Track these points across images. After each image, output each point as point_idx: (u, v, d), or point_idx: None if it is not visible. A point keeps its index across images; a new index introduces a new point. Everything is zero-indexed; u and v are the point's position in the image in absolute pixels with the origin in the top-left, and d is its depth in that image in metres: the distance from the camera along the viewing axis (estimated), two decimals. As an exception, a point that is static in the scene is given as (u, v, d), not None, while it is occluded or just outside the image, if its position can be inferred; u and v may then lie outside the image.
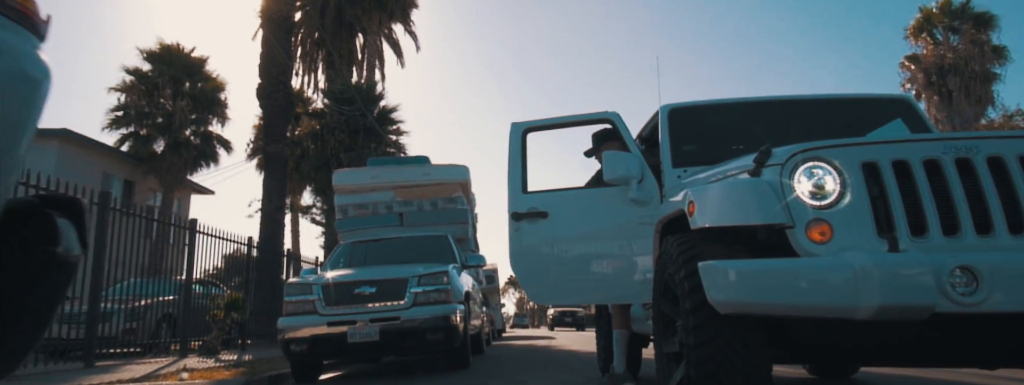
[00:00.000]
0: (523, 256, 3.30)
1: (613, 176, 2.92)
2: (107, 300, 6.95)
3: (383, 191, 8.05)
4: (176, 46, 18.42)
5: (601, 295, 3.37)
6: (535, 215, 3.28)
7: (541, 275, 3.28)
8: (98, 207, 6.55)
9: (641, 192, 2.95)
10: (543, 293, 3.35)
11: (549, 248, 3.27)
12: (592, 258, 3.17)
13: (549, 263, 3.26)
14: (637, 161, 2.96)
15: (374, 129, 17.08)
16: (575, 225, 3.23)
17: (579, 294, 3.36)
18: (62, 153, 15.72)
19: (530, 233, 3.28)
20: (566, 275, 3.22)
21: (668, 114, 3.09)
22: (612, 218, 3.11)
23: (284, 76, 14.99)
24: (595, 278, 3.15)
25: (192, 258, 8.50)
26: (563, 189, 3.38)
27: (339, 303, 5.51)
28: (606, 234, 3.13)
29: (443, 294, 5.58)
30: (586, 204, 3.23)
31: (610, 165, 2.93)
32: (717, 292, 1.81)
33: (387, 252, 6.90)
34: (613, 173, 2.91)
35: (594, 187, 3.43)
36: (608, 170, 2.93)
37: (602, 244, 3.15)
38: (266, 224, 13.91)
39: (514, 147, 3.43)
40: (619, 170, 2.90)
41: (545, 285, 3.29)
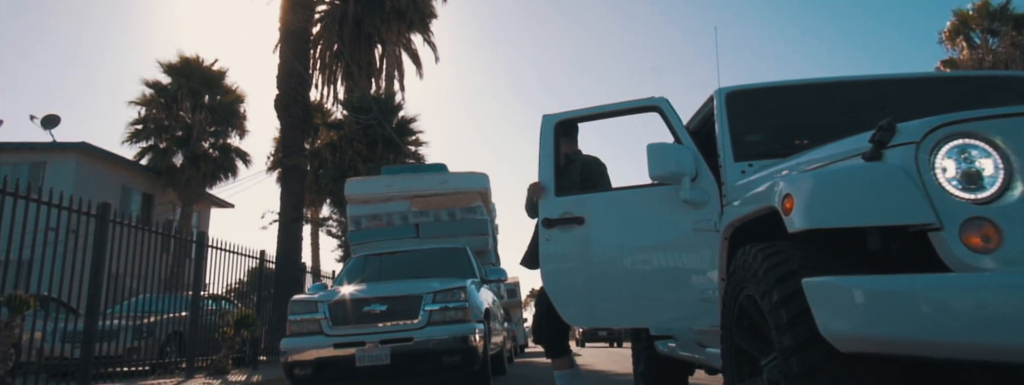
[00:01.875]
0: (555, 270, 2.82)
1: (661, 172, 2.40)
2: (113, 317, 6.60)
3: (398, 201, 7.60)
4: (196, 59, 18.37)
5: (647, 318, 2.83)
6: (569, 221, 2.79)
7: (576, 293, 2.77)
8: (97, 219, 6.18)
9: (696, 191, 2.42)
10: (578, 314, 2.82)
11: (585, 260, 2.76)
12: (635, 272, 2.64)
13: (585, 278, 2.75)
14: (690, 154, 2.43)
15: (393, 140, 16.73)
16: (615, 233, 2.71)
17: (620, 316, 2.82)
18: (81, 167, 15.64)
19: (563, 242, 2.79)
20: (605, 293, 2.70)
21: (726, 99, 2.55)
22: (659, 223, 2.58)
23: (302, 87, 14.78)
24: (639, 297, 2.61)
25: (200, 272, 8.11)
26: (601, 190, 2.87)
27: (347, 322, 5.03)
28: (652, 243, 2.61)
29: (460, 312, 5.06)
30: (628, 207, 2.71)
31: (656, 159, 2.42)
32: (837, 322, 1.28)
33: (402, 266, 6.41)
34: (661, 168, 2.39)
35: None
36: (654, 165, 2.41)
37: (647, 255, 2.62)
38: (283, 237, 13.61)
39: (545, 143, 2.95)
40: (668, 165, 2.38)
41: (581, 305, 2.78)
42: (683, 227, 2.49)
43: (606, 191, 2.85)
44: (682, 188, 2.42)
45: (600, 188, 3.13)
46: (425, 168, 8.74)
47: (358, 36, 20.09)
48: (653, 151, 2.43)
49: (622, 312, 2.73)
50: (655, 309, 2.62)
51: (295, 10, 14.90)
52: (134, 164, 17.40)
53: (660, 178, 2.46)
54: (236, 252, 8.85)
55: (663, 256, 2.58)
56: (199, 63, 18.38)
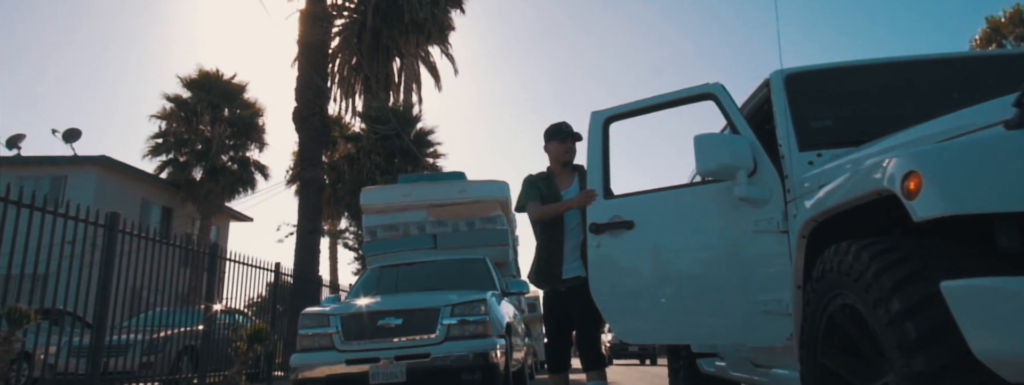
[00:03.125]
0: (604, 280, 2.54)
1: (712, 166, 2.09)
2: (126, 331, 6.42)
3: (415, 210, 7.32)
4: (215, 73, 18.46)
5: (701, 333, 2.50)
6: (618, 226, 2.52)
7: (628, 305, 2.47)
8: (106, 230, 5.99)
9: (755, 187, 2.09)
10: (633, 329, 2.52)
11: (635, 268, 2.49)
12: (687, 281, 2.32)
13: (637, 288, 2.45)
14: (747, 145, 2.11)
15: (411, 151, 16.57)
16: (666, 237, 2.42)
17: (673, 331, 2.48)
18: (101, 180, 15.68)
19: (613, 249, 2.52)
20: (656, 305, 2.38)
21: (785, 82, 2.22)
22: (713, 225, 2.27)
23: (320, 100, 14.71)
24: (692, 310, 2.29)
25: (213, 285, 7.90)
26: (652, 190, 2.57)
27: (360, 337, 4.73)
28: (705, 247, 2.29)
29: (480, 326, 4.74)
30: (680, 208, 2.41)
31: (706, 152, 2.10)
32: (999, 340, 0.94)
33: (419, 277, 6.12)
34: (712, 162, 2.08)
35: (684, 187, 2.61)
36: (704, 158, 2.10)
37: (700, 262, 2.30)
38: (301, 250, 13.43)
39: (594, 142, 2.70)
40: (721, 158, 2.06)
41: (634, 318, 2.48)
42: (740, 228, 2.15)
43: (657, 190, 2.56)
44: (738, 184, 2.09)
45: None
46: (443, 176, 8.47)
47: (376, 49, 20.06)
48: (702, 143, 2.11)
49: (675, 326, 2.40)
50: (710, 323, 2.28)
51: (313, 24, 14.88)
52: (154, 177, 17.44)
53: (711, 173, 2.15)
54: (250, 265, 8.64)
55: (718, 262, 2.25)
56: (219, 77, 18.46)
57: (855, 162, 1.65)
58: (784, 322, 1.98)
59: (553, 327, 3.15)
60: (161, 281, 6.66)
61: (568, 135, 3.18)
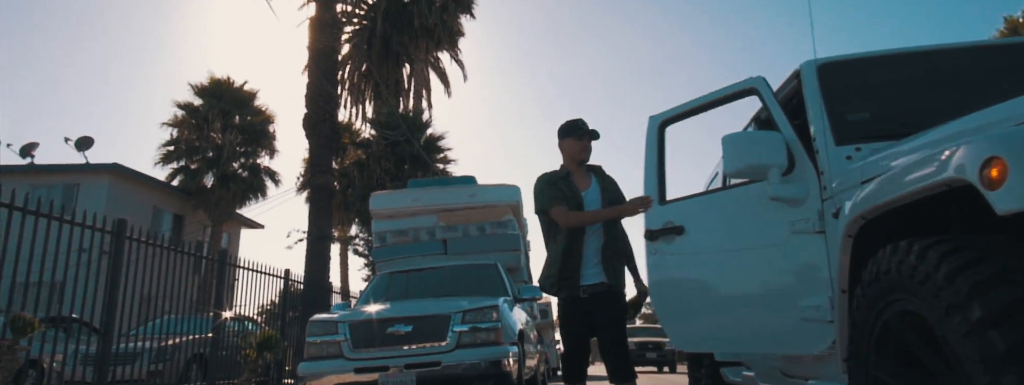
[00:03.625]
0: (660, 287, 2.47)
1: (741, 165, 1.96)
2: (135, 339, 6.36)
3: (425, 215, 7.21)
4: (226, 80, 18.51)
5: (743, 343, 2.35)
6: (670, 232, 2.42)
7: (681, 312, 2.40)
8: (113, 236, 5.92)
9: (790, 186, 1.95)
10: (688, 336, 2.48)
11: (687, 275, 2.39)
12: (729, 288, 2.21)
13: (688, 295, 2.38)
14: (780, 141, 1.96)
15: (420, 157, 16.50)
16: (712, 241, 2.31)
17: (718, 340, 2.38)
18: (113, 188, 15.72)
19: (666, 256, 2.44)
20: (708, 312, 2.29)
21: (818, 72, 2.08)
22: (752, 228, 2.15)
23: (330, 106, 14.68)
24: (733, 317, 2.17)
25: (221, 292, 7.81)
26: (701, 193, 2.46)
27: (370, 345, 4.61)
28: (744, 251, 2.16)
29: (492, 333, 4.60)
30: (723, 211, 2.30)
31: (734, 150, 1.98)
32: None
33: (429, 283, 5.99)
34: (742, 160, 1.95)
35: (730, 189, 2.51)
36: (732, 158, 1.98)
37: (740, 267, 2.17)
38: (311, 256, 13.37)
39: (651, 146, 2.61)
40: (753, 156, 1.92)
41: (688, 326, 2.42)
42: (778, 231, 2.01)
43: (706, 193, 2.42)
44: (770, 183, 1.95)
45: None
46: (453, 181, 8.36)
47: (386, 55, 20.09)
48: (732, 142, 1.98)
49: (722, 335, 2.29)
50: (753, 331, 2.16)
51: (323, 30, 14.88)
52: (165, 185, 17.48)
53: (738, 174, 2.02)
54: (260, 271, 8.55)
55: (758, 267, 2.12)
56: (230, 84, 18.52)
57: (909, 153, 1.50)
58: (825, 330, 1.83)
59: (571, 336, 2.92)
60: (170, 288, 6.60)
61: (585, 132, 2.95)
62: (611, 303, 2.81)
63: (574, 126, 2.96)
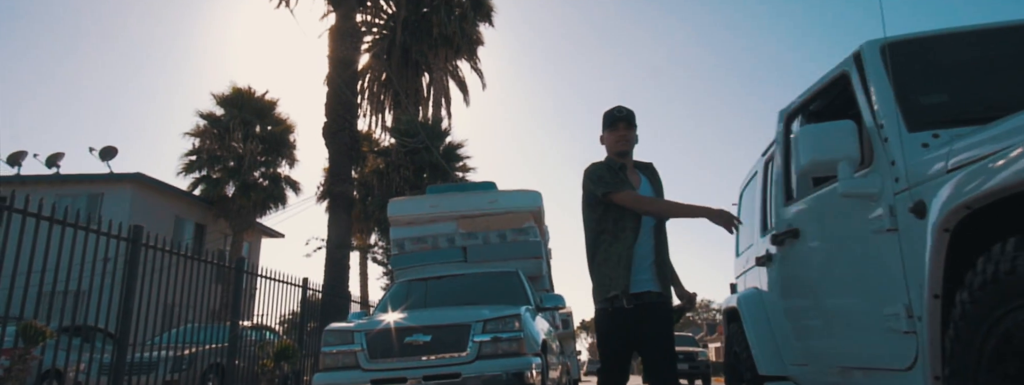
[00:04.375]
0: (779, 298, 2.31)
1: (814, 160, 1.74)
2: (153, 348, 6.29)
3: (444, 222, 7.03)
4: (248, 90, 18.65)
5: (841, 356, 2.05)
6: (789, 236, 2.22)
7: (793, 325, 2.15)
8: (128, 243, 5.84)
9: (867, 180, 1.73)
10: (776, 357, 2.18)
11: (796, 285, 2.17)
12: (827, 297, 2.00)
13: (800, 307, 2.14)
14: (850, 131, 1.73)
15: (439, 165, 16.40)
16: (817, 245, 2.10)
17: (818, 354, 2.12)
18: (136, 197, 15.86)
19: (784, 263, 2.26)
20: (814, 326, 2.07)
21: (882, 53, 1.86)
22: (840, 229, 1.93)
23: (350, 115, 14.67)
24: (832, 329, 1.95)
25: (238, 301, 7.70)
26: (822, 189, 2.09)
27: (387, 355, 4.43)
28: (837, 255, 1.94)
29: (515, 344, 4.39)
30: (821, 212, 2.07)
31: (807, 144, 1.76)
32: None
33: (448, 292, 5.81)
34: (816, 153, 1.72)
35: None
36: (805, 150, 1.76)
37: (831, 274, 1.95)
38: (331, 265, 13.29)
39: (779, 140, 2.41)
40: (828, 150, 1.71)
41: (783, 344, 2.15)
42: (858, 230, 1.80)
43: (825, 188, 2.09)
44: (841, 178, 1.73)
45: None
46: (473, 186, 8.18)
47: (405, 64, 20.11)
48: (807, 136, 1.78)
49: (815, 349, 2.07)
50: (842, 344, 1.93)
51: (343, 39, 14.93)
52: (187, 194, 17.60)
53: (806, 173, 1.81)
54: (278, 280, 8.45)
55: (843, 273, 1.89)
56: (251, 94, 18.65)
57: (1012, 135, 1.27)
58: (905, 342, 1.61)
59: (611, 351, 2.53)
60: (188, 297, 6.51)
61: (617, 120, 2.58)
62: (663, 314, 2.52)
63: (605, 117, 2.64)
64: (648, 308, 2.47)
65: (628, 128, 2.61)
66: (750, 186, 3.44)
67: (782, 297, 2.31)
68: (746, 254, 3.37)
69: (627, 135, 2.61)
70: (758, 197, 3.12)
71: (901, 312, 1.62)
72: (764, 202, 3.02)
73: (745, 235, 3.48)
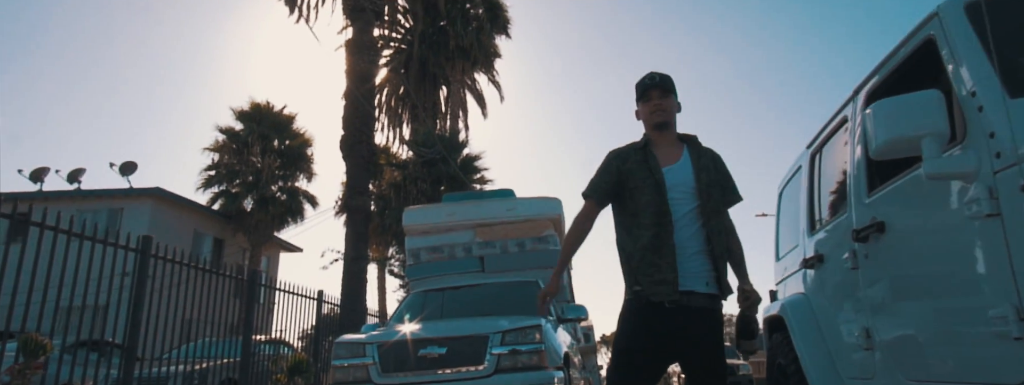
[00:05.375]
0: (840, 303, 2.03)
1: (893, 138, 1.49)
2: (167, 363, 6.15)
3: (461, 231, 6.80)
4: (266, 104, 18.75)
5: (937, 370, 1.72)
6: (873, 230, 1.89)
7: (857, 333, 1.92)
8: (137, 255, 5.69)
9: (954, 158, 1.47)
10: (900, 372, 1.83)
11: (881, 286, 1.84)
12: (925, 300, 1.69)
13: (873, 312, 1.87)
14: (935, 101, 1.47)
15: (457, 177, 16.24)
16: (908, 239, 1.76)
17: (908, 368, 1.79)
18: (155, 212, 15.89)
19: (868, 261, 1.92)
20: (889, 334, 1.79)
21: (967, 12, 1.60)
22: (938, 218, 1.63)
23: (367, 128, 14.62)
24: (928, 340, 1.66)
25: (251, 313, 7.53)
26: (908, 173, 1.78)
27: (400, 369, 4.19)
28: (939, 249, 1.64)
29: (535, 356, 4.12)
30: (915, 197, 1.75)
31: (884, 120, 1.51)
32: None
33: (466, 302, 5.57)
34: (895, 130, 1.48)
35: None
36: (882, 127, 1.51)
37: (936, 271, 1.65)
38: (348, 278, 13.13)
39: (855, 120, 2.14)
40: (909, 125, 1.46)
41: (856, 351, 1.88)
42: (951, 218, 1.53)
43: (911, 175, 1.78)
44: (926, 157, 1.46)
45: None
46: (490, 194, 7.94)
47: (423, 77, 20.12)
48: (882, 112, 1.51)
49: (891, 363, 1.77)
50: (925, 355, 1.64)
51: (360, 52, 14.93)
52: (206, 209, 17.62)
53: (883, 154, 1.54)
54: (292, 292, 8.27)
55: (935, 269, 1.61)
56: (269, 108, 18.74)
57: None
58: (1016, 350, 1.33)
59: (638, 355, 2.06)
60: (204, 311, 6.36)
61: (649, 88, 2.21)
62: (714, 321, 2.08)
63: (637, 87, 2.26)
64: (696, 312, 2.03)
65: (664, 96, 2.21)
66: (792, 183, 3.15)
67: (846, 301, 2.02)
68: (789, 257, 3.07)
69: (663, 104, 2.21)
70: (803, 193, 2.84)
71: (1009, 314, 1.33)
72: (811, 198, 2.73)
73: (787, 237, 3.19)
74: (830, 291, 2.45)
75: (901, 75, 1.96)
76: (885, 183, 1.91)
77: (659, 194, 2.12)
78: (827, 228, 2.47)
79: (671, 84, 2.24)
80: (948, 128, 1.47)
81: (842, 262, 2.23)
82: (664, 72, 2.26)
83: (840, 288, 2.33)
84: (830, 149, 2.59)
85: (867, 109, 1.62)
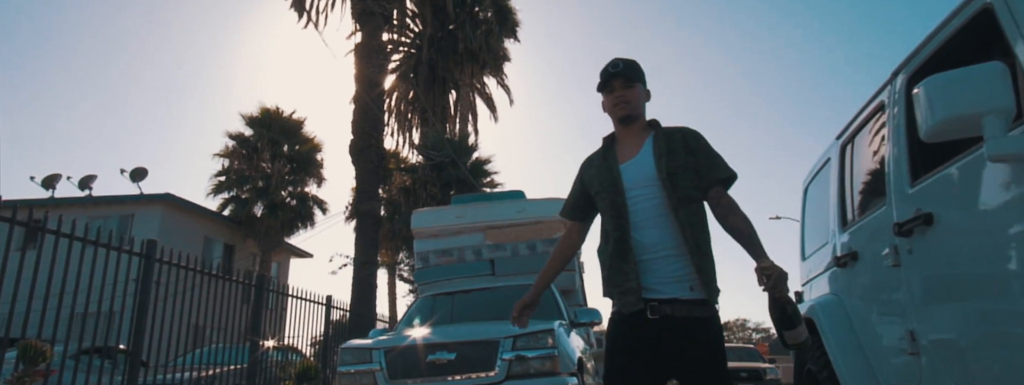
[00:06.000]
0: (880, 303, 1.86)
1: (950, 117, 1.33)
2: (173, 370, 6.08)
3: (470, 233, 6.66)
4: (275, 110, 18.76)
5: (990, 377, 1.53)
6: (919, 223, 1.70)
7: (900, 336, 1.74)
8: (141, 259, 5.60)
9: (1019, 137, 1.31)
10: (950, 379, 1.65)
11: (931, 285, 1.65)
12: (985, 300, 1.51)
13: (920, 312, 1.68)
14: (1001, 76, 1.31)
15: (466, 181, 16.12)
16: (971, 234, 1.58)
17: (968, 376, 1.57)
18: (165, 218, 15.90)
19: (915, 258, 1.71)
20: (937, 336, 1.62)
21: None
22: (1001, 207, 1.45)
23: (376, 132, 14.55)
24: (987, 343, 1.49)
25: (258, 319, 7.41)
26: (962, 158, 1.60)
27: (408, 375, 4.05)
28: (1000, 241, 1.45)
29: (548, 362, 3.96)
30: (980, 184, 1.55)
31: (940, 97, 1.35)
32: None
33: (476, 306, 5.42)
34: (953, 107, 1.32)
35: None
36: (937, 105, 1.35)
37: (997, 266, 1.46)
38: (357, 283, 13.04)
39: (900, 106, 1.93)
40: (969, 102, 1.30)
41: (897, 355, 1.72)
42: (1017, 206, 1.36)
43: (966, 158, 1.59)
44: (987, 136, 1.30)
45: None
46: (500, 196, 7.79)
47: (432, 81, 20.07)
48: (934, 88, 1.35)
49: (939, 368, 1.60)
50: (982, 360, 1.47)
51: (369, 57, 14.89)
52: (216, 215, 17.62)
53: (937, 135, 1.38)
54: (300, 297, 8.16)
55: (1001, 264, 1.44)
56: (279, 114, 18.75)
57: None
58: None
59: (628, 376, 1.83)
60: (212, 317, 6.26)
61: (611, 77, 1.98)
62: (706, 331, 1.81)
63: (600, 75, 2.03)
64: (680, 323, 1.78)
65: (627, 86, 1.97)
66: (819, 177, 2.98)
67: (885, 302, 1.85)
68: (817, 256, 2.90)
69: (627, 95, 1.97)
70: (833, 187, 2.66)
71: None
72: (842, 192, 2.56)
73: (814, 235, 3.01)
74: (866, 291, 2.27)
75: (949, 52, 1.79)
76: (931, 171, 1.74)
77: (617, 193, 1.93)
78: (861, 223, 2.29)
79: (636, 72, 2.02)
80: (1014, 104, 1.31)
81: (881, 259, 2.06)
82: (631, 58, 2.04)
83: (878, 287, 2.15)
84: (863, 139, 2.42)
85: (916, 88, 1.45)
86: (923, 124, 1.41)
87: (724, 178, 1.91)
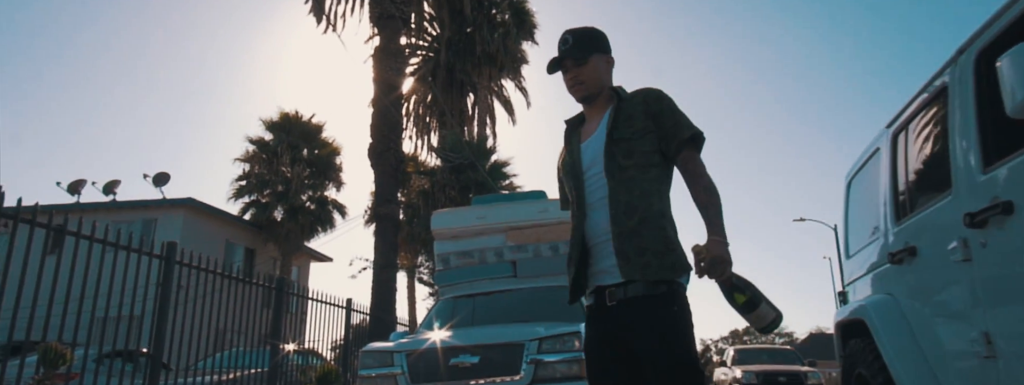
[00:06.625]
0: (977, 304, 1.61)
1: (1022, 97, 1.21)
2: (195, 373, 6.06)
3: (491, 235, 6.54)
4: (295, 114, 18.85)
5: None
6: (997, 212, 1.56)
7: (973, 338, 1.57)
8: (161, 261, 5.56)
9: None
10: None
11: (1018, 284, 1.49)
12: None
13: (1001, 311, 1.53)
14: None
15: (486, 183, 16.03)
16: None
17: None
18: (187, 222, 16.01)
19: (995, 251, 1.56)
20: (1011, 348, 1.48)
21: None
22: None
23: (395, 135, 14.54)
24: None
25: (278, 322, 7.36)
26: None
27: (430, 379, 3.93)
28: None
29: (575, 366, 3.82)
30: None
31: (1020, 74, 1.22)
32: None
33: (498, 308, 5.30)
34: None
35: None
36: (1017, 88, 1.23)
37: None
38: (377, 286, 12.99)
39: (965, 83, 1.78)
40: None
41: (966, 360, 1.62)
42: None
43: None
44: None
45: None
46: (521, 196, 7.66)
47: (450, 84, 20.06)
48: (1017, 61, 1.21)
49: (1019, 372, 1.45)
50: None
51: (387, 60, 14.89)
52: (237, 219, 17.73)
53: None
54: (320, 300, 8.11)
55: None
56: (298, 118, 18.84)
57: None
58: None
59: (607, 371, 1.73)
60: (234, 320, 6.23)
61: (562, 57, 1.82)
62: (656, 311, 1.63)
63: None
64: (628, 308, 1.65)
65: (579, 64, 1.80)
66: (865, 170, 2.81)
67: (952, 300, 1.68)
68: (864, 253, 2.72)
69: (580, 75, 1.81)
70: (884, 179, 2.49)
71: None
72: (895, 183, 2.39)
73: (860, 231, 2.84)
74: (927, 289, 2.10)
75: (1020, 30, 1.63)
76: (1008, 155, 1.58)
77: (576, 177, 1.83)
78: (920, 215, 2.12)
79: (588, 43, 1.82)
80: None
81: (946, 254, 1.89)
82: (584, 26, 1.85)
83: (943, 285, 1.98)
84: (918, 125, 2.25)
85: (999, 60, 1.30)
86: (1010, 98, 1.26)
87: (688, 137, 1.75)
